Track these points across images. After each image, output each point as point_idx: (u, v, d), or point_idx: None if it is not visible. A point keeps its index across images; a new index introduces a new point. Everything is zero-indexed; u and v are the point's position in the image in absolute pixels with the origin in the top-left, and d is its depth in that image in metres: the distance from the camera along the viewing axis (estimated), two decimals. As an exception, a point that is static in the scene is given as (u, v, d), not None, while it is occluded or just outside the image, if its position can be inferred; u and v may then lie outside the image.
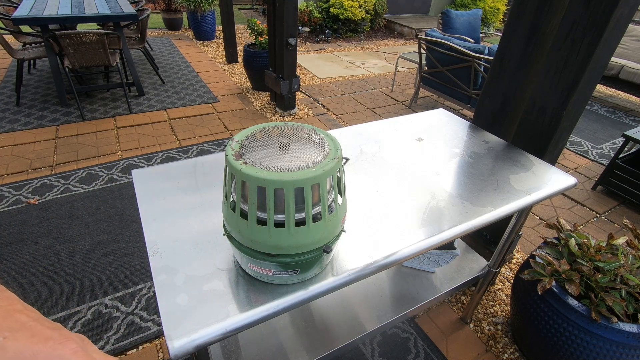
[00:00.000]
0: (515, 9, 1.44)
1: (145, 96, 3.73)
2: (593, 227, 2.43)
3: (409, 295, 1.30)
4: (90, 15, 3.11)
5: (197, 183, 1.00)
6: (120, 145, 2.89)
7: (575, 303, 1.25)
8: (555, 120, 1.40)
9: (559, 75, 1.34)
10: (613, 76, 4.33)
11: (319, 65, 5.13)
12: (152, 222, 0.85)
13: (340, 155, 0.65)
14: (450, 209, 0.97)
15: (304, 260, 0.67)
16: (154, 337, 1.55)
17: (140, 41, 3.86)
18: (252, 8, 8.32)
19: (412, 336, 1.62)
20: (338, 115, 3.72)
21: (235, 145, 0.64)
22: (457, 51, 3.22)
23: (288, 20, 3.03)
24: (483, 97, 1.66)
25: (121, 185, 2.44)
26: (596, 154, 3.37)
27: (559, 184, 1.12)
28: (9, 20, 3.43)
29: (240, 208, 0.64)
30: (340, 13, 6.22)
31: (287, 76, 3.31)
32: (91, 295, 1.70)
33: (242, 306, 0.68)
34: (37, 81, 3.87)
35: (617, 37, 1.27)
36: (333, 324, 1.17)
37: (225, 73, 4.53)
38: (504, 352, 1.59)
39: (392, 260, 0.81)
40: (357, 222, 0.90)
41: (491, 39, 7.30)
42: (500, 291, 1.88)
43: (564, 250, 1.38)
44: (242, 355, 1.05)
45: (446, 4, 8.10)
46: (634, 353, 1.19)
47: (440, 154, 1.24)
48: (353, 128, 1.38)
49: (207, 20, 5.56)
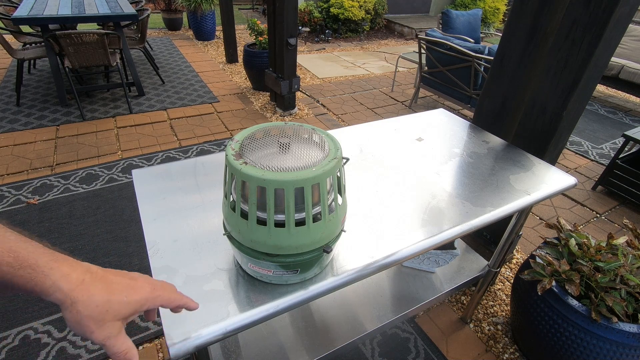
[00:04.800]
0: (515, 9, 1.44)
1: (146, 96, 3.73)
2: (593, 227, 2.43)
3: (409, 295, 1.30)
4: (91, 15, 3.11)
5: (197, 183, 1.00)
6: (121, 145, 2.90)
7: (575, 303, 1.25)
8: (555, 120, 1.40)
9: (559, 75, 1.34)
10: (613, 76, 4.32)
11: (319, 65, 5.13)
12: (152, 222, 0.85)
13: (340, 155, 0.65)
14: (450, 209, 0.97)
15: (304, 260, 0.67)
16: (154, 337, 1.55)
17: (141, 41, 3.86)
18: (252, 8, 8.32)
19: (412, 336, 1.62)
20: (338, 115, 3.72)
21: (235, 145, 0.64)
22: (457, 51, 3.22)
23: (288, 20, 3.03)
24: (483, 97, 1.66)
25: (121, 185, 2.44)
26: (596, 154, 3.37)
27: (559, 184, 1.12)
28: (9, 20, 3.43)
29: (240, 208, 0.64)
30: (340, 13, 6.22)
31: (287, 76, 3.31)
32: (91, 295, 1.70)
33: (242, 306, 0.68)
34: (37, 81, 3.87)
35: (617, 37, 1.27)
36: (333, 324, 1.17)
37: (225, 73, 4.53)
38: (504, 352, 1.59)
39: (392, 260, 0.81)
40: (357, 222, 0.90)
41: (491, 39, 7.30)
42: (500, 291, 1.88)
43: (564, 250, 1.38)
44: (242, 355, 1.05)
45: (446, 4, 8.10)
46: (634, 353, 1.19)
47: (440, 154, 1.24)
48: (353, 128, 1.38)
49: (207, 20, 5.56)
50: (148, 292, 0.43)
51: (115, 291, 0.39)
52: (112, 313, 0.38)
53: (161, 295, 0.45)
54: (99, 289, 0.38)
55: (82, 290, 0.37)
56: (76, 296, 0.36)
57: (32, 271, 0.34)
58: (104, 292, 0.38)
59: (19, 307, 1.62)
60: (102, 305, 0.37)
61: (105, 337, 0.38)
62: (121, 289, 0.40)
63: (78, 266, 0.39)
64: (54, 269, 0.36)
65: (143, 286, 0.43)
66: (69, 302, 0.36)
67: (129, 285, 0.42)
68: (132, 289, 0.42)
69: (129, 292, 0.41)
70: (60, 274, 0.36)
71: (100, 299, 0.37)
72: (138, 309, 0.42)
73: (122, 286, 0.41)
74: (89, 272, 0.39)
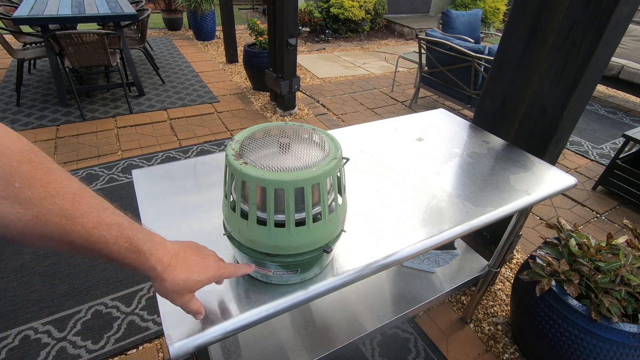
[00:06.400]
0: (515, 9, 1.44)
1: (146, 96, 3.73)
2: (593, 227, 2.43)
3: (409, 295, 1.30)
4: (91, 15, 3.11)
5: (197, 183, 1.00)
6: (121, 145, 2.90)
7: (575, 303, 1.25)
8: (555, 120, 1.40)
9: (559, 75, 1.34)
10: (613, 76, 4.32)
11: (319, 65, 5.13)
12: (152, 222, 0.85)
13: (340, 155, 0.65)
14: (450, 209, 0.97)
15: (304, 260, 0.67)
16: (154, 337, 1.55)
17: (141, 41, 3.86)
18: (252, 8, 8.32)
19: (412, 336, 1.62)
20: (338, 115, 3.72)
21: (235, 145, 0.64)
22: (457, 51, 3.22)
23: (288, 20, 3.03)
24: (483, 97, 1.66)
25: (121, 185, 2.44)
26: (596, 154, 3.37)
27: (559, 184, 1.12)
28: (9, 20, 3.43)
29: (240, 208, 0.64)
30: (341, 13, 6.22)
31: (287, 76, 3.31)
32: (91, 295, 1.70)
33: (242, 306, 0.68)
34: (38, 81, 3.87)
35: (617, 37, 1.27)
36: (333, 324, 1.17)
37: (225, 73, 4.53)
38: (504, 352, 1.59)
39: (392, 260, 0.81)
40: (357, 222, 0.90)
41: (491, 39, 7.30)
42: (500, 291, 1.88)
43: (564, 251, 1.38)
44: (242, 355, 1.05)
45: (446, 4, 8.10)
46: (634, 353, 1.19)
47: (440, 154, 1.24)
48: (353, 128, 1.38)
49: (207, 20, 5.56)
50: (215, 270, 0.58)
51: (193, 271, 0.53)
52: (188, 288, 0.54)
53: (224, 272, 0.60)
54: (181, 271, 0.52)
55: (170, 272, 0.50)
56: (165, 276, 0.50)
57: (139, 255, 0.46)
58: (185, 273, 0.52)
59: (19, 307, 1.62)
60: (182, 283, 0.52)
61: (183, 303, 0.55)
62: (197, 269, 0.54)
63: (169, 250, 0.52)
64: (153, 254, 0.48)
65: (212, 265, 0.57)
66: (160, 279, 0.50)
67: (202, 265, 0.56)
68: (204, 268, 0.56)
69: (202, 272, 0.55)
70: (157, 258, 0.49)
71: (182, 278, 0.52)
72: (207, 283, 0.57)
73: (198, 266, 0.55)
74: (176, 256, 0.52)
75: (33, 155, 0.37)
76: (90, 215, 0.41)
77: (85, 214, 0.41)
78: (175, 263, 0.52)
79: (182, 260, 0.53)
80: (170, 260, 0.51)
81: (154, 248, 0.48)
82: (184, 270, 0.52)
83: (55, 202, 0.38)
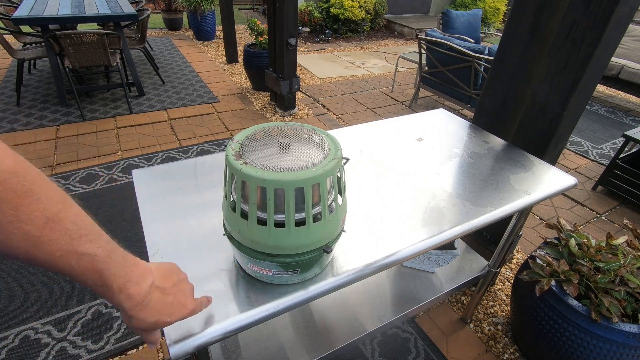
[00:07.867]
0: (515, 9, 1.44)
1: (146, 96, 3.73)
2: (593, 227, 2.43)
3: (409, 296, 1.30)
4: (91, 16, 3.11)
5: (197, 183, 1.00)
6: (121, 145, 2.90)
7: (575, 303, 1.25)
8: (555, 120, 1.40)
9: (559, 75, 1.34)
10: (613, 76, 4.32)
11: (319, 65, 5.13)
12: (152, 222, 0.85)
13: (340, 155, 0.65)
14: (450, 209, 0.97)
15: (304, 260, 0.67)
16: (154, 337, 1.55)
17: (141, 41, 3.86)
18: (252, 8, 8.32)
19: (412, 336, 1.62)
20: (338, 115, 3.72)
21: (235, 145, 0.64)
22: (457, 51, 3.22)
23: (288, 20, 3.03)
24: (483, 97, 1.66)
25: (121, 185, 2.44)
26: (596, 154, 3.37)
27: (559, 184, 1.12)
28: (9, 20, 3.43)
29: (240, 208, 0.64)
30: (341, 13, 6.22)
31: (287, 76, 3.31)
32: (91, 295, 1.69)
33: (242, 306, 0.68)
34: (38, 81, 3.87)
35: (617, 37, 1.27)
36: (333, 324, 1.17)
37: (225, 73, 4.53)
38: (504, 352, 1.59)
39: (393, 260, 0.81)
40: (357, 222, 0.90)
41: (491, 39, 7.30)
42: (500, 291, 1.88)
43: (564, 251, 1.38)
44: (242, 355, 1.05)
45: (446, 4, 8.10)
46: (634, 353, 1.19)
47: (440, 154, 1.24)
48: (353, 128, 1.38)
49: (207, 20, 5.56)
50: (188, 313, 0.55)
51: (163, 314, 0.51)
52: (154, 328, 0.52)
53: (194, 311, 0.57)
54: (151, 313, 0.50)
55: (139, 311, 0.48)
56: (133, 314, 0.48)
57: (106, 289, 0.45)
58: (155, 315, 0.50)
59: (19, 307, 1.62)
60: (150, 324, 0.50)
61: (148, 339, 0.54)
62: (169, 311, 0.52)
63: (143, 288, 0.48)
64: (123, 292, 0.46)
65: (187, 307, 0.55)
66: (127, 315, 0.48)
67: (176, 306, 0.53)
68: (178, 309, 0.53)
69: (173, 314, 0.53)
70: (126, 295, 0.47)
71: (151, 320, 0.50)
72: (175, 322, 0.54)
73: (172, 308, 0.52)
74: (149, 294, 0.49)
75: (10, 176, 0.36)
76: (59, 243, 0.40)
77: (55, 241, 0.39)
78: (146, 303, 0.49)
79: (156, 302, 0.50)
80: (143, 299, 0.48)
81: (125, 286, 0.46)
82: (155, 312, 0.50)
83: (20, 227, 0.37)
